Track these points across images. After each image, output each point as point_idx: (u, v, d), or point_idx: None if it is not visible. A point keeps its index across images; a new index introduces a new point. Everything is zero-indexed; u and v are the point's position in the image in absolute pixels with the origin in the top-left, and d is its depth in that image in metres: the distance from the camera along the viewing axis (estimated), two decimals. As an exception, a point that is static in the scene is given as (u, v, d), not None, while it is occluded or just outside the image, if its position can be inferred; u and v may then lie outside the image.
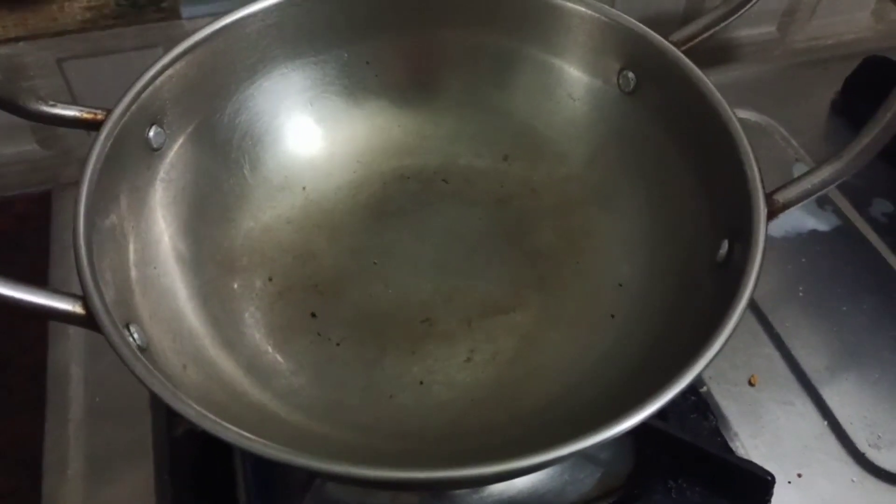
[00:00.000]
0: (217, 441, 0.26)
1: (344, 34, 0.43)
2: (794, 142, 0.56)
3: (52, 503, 0.38)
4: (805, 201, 0.32)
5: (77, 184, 0.30)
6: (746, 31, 0.66)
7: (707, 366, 0.28)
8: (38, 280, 0.45)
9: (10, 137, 0.51)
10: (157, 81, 0.36)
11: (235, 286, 0.40)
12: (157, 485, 0.38)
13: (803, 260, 0.48)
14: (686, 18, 0.62)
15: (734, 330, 0.29)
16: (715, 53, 0.66)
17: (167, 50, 0.49)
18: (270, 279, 0.41)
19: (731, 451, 0.40)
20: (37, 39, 0.48)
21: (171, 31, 0.50)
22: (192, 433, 0.38)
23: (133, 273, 0.34)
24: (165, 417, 0.39)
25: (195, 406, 0.26)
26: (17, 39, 0.47)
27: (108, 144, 0.34)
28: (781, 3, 0.65)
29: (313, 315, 0.40)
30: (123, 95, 0.35)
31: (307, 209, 0.43)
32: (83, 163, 0.33)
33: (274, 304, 0.40)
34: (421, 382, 0.38)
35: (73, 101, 0.50)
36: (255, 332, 0.39)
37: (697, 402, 0.41)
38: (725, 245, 0.34)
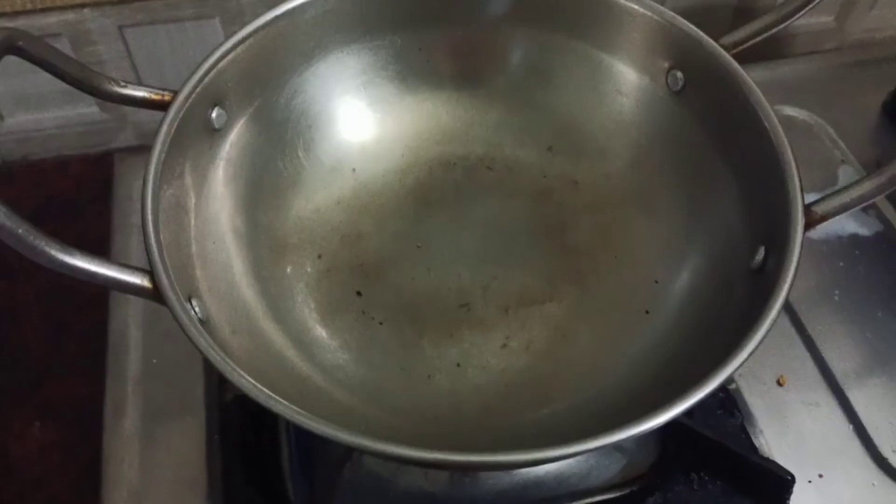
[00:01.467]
0: (264, 409, 0.28)
1: (398, 21, 0.44)
2: (841, 143, 0.56)
3: (109, 457, 0.40)
4: (843, 214, 0.33)
5: (137, 151, 0.32)
6: (801, 20, 0.64)
7: (736, 370, 0.29)
8: (98, 245, 0.49)
9: (71, 100, 0.53)
10: (221, 65, 0.38)
11: (286, 262, 0.42)
12: (207, 445, 0.40)
13: (841, 264, 0.48)
14: (738, 13, 0.61)
15: (764, 338, 0.30)
16: (767, 44, 0.64)
17: (223, 20, 0.51)
18: (319, 257, 0.43)
19: (754, 448, 0.41)
20: (100, 6, 0.49)
21: (228, 3, 0.51)
22: (242, 399, 0.40)
23: (194, 247, 0.36)
24: (218, 383, 0.41)
25: (249, 379, 0.28)
26: (81, 6, 0.49)
27: (175, 125, 0.36)
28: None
29: (358, 294, 0.42)
30: (188, 79, 0.37)
31: (356, 191, 0.45)
32: (142, 140, 0.34)
33: (321, 282, 0.42)
34: (458, 365, 0.39)
35: (132, 67, 0.52)
36: (304, 307, 0.41)
37: (725, 399, 0.42)
38: (762, 252, 0.34)
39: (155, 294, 0.30)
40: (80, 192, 0.53)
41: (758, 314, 0.31)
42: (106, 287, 0.31)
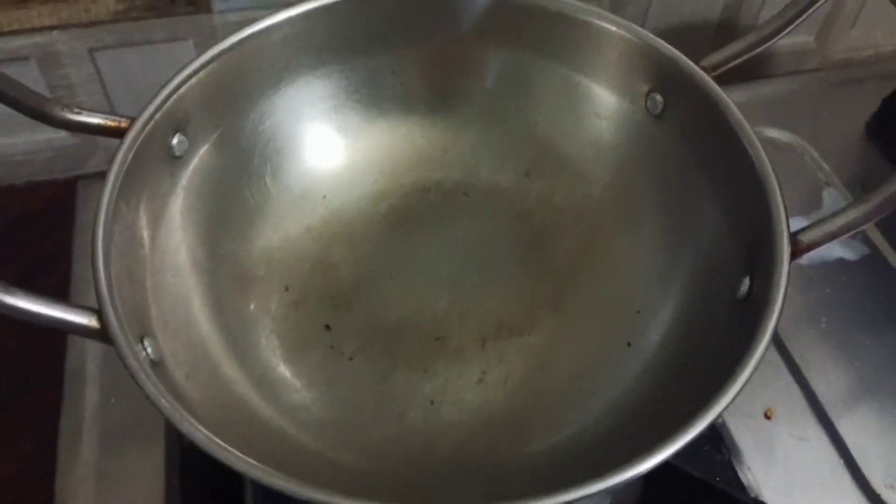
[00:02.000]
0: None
1: (370, 44, 0.43)
2: (824, 165, 0.55)
3: (62, 499, 0.38)
4: (830, 242, 0.32)
5: (102, 177, 0.31)
6: (783, 40, 0.64)
7: (728, 406, 0.27)
8: (61, 272, 0.47)
9: (39, 125, 0.51)
10: (182, 89, 0.36)
11: (251, 296, 0.40)
12: (166, 490, 0.38)
13: (828, 290, 0.47)
14: (719, 31, 0.61)
15: (753, 373, 0.28)
16: (748, 63, 0.64)
17: (196, 43, 0.50)
18: (287, 289, 0.41)
19: (742, 486, 0.39)
20: (69, 29, 0.48)
21: (201, 25, 0.50)
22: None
23: (149, 282, 0.34)
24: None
25: (203, 430, 0.26)
26: (50, 28, 0.48)
27: (132, 153, 0.34)
28: (820, 11, 0.63)
29: (327, 327, 0.40)
30: (147, 104, 0.35)
31: (327, 219, 0.43)
32: (106, 169, 0.33)
33: (289, 315, 0.40)
34: (431, 402, 0.38)
35: (103, 90, 0.51)
36: (268, 343, 0.39)
37: (711, 434, 0.40)
38: (747, 282, 0.33)
39: (103, 335, 0.28)
40: (48, 218, 0.52)
41: (745, 347, 0.29)
42: (53, 329, 0.29)
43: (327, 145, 0.44)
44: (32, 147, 0.53)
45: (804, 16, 0.37)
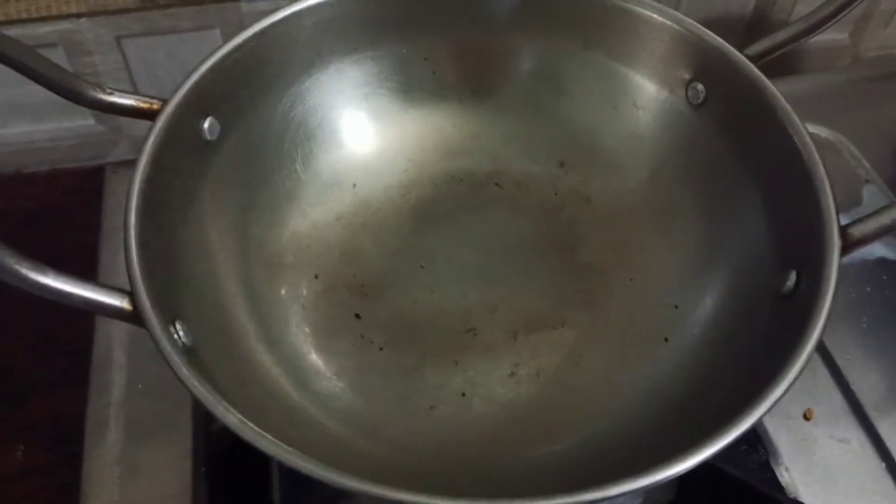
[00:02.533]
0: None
1: (403, 30, 0.42)
2: (864, 161, 0.53)
3: (89, 483, 0.38)
4: (883, 237, 0.30)
5: (130, 164, 0.30)
6: (817, 36, 0.63)
7: (771, 409, 0.26)
8: (87, 259, 0.47)
9: (65, 111, 0.51)
10: (214, 73, 0.36)
11: (281, 282, 0.39)
12: (192, 476, 0.38)
13: (868, 289, 0.46)
14: (753, 23, 0.59)
15: (801, 371, 0.27)
16: (781, 60, 0.63)
17: (223, 32, 0.49)
18: (316, 277, 0.40)
19: (780, 487, 0.38)
20: (96, 16, 0.48)
21: (227, 14, 0.49)
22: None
23: (181, 266, 0.34)
24: (205, 413, 0.39)
25: (236, 413, 0.26)
26: (77, 16, 0.47)
27: (163, 136, 0.33)
28: (856, 9, 0.62)
29: (357, 316, 0.39)
30: (180, 87, 0.35)
31: (356, 207, 0.43)
32: (138, 152, 0.32)
33: (318, 303, 0.39)
34: (463, 394, 0.37)
35: (130, 79, 0.51)
36: (299, 330, 0.38)
37: (748, 434, 0.39)
38: (793, 277, 0.32)
39: (135, 317, 0.28)
40: (73, 205, 0.52)
41: (792, 345, 0.28)
42: (84, 311, 0.28)
43: (358, 133, 0.43)
44: (57, 134, 0.53)
45: (853, 5, 0.35)
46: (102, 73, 0.50)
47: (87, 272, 0.46)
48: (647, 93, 0.41)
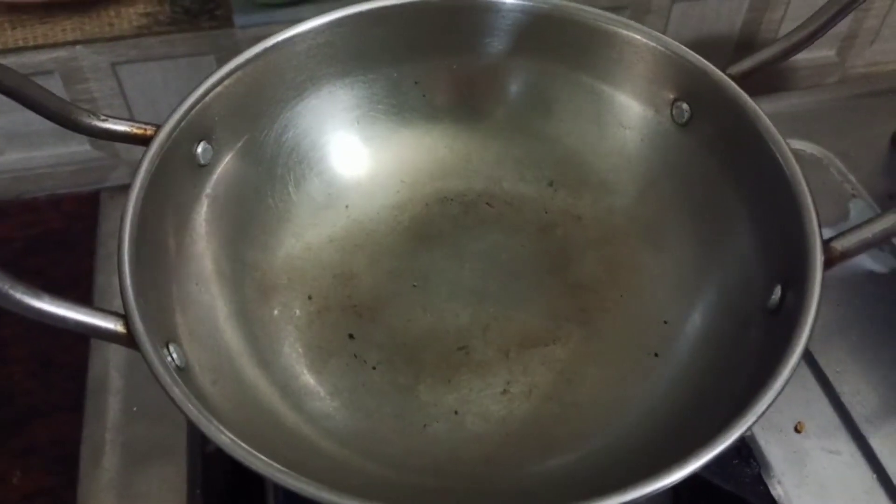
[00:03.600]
0: (248, 466, 0.26)
1: (394, 54, 0.43)
2: (851, 177, 0.54)
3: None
4: (866, 251, 0.31)
5: (125, 189, 0.31)
6: (804, 54, 0.63)
7: (759, 418, 0.26)
8: (85, 284, 0.48)
9: (63, 138, 0.52)
10: (208, 98, 0.37)
11: (274, 304, 0.40)
12: (189, 501, 0.38)
13: (857, 302, 0.46)
14: (740, 43, 0.60)
15: (786, 384, 0.27)
16: (769, 78, 0.64)
17: (218, 58, 0.50)
18: (309, 298, 0.41)
19: (773, 500, 0.38)
20: (92, 44, 0.48)
21: (222, 40, 0.50)
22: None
23: (175, 289, 0.34)
24: (200, 435, 0.39)
25: (228, 434, 0.26)
26: (73, 43, 0.48)
27: (157, 161, 0.34)
28: (842, 26, 0.63)
29: (350, 336, 0.40)
30: (173, 112, 0.35)
31: (349, 228, 0.43)
32: (132, 177, 0.33)
33: (312, 324, 0.40)
34: (456, 412, 0.37)
35: (125, 104, 0.51)
36: (293, 351, 0.38)
37: (740, 448, 0.39)
38: (778, 291, 0.33)
39: (129, 340, 0.28)
40: (71, 231, 0.52)
41: (777, 358, 0.29)
42: (78, 333, 0.29)
43: (350, 155, 0.44)
44: (56, 160, 0.53)
45: (835, 21, 0.36)
46: (98, 99, 0.51)
47: (87, 297, 0.47)
48: (634, 113, 0.42)
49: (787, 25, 0.60)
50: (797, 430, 0.41)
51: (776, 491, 0.39)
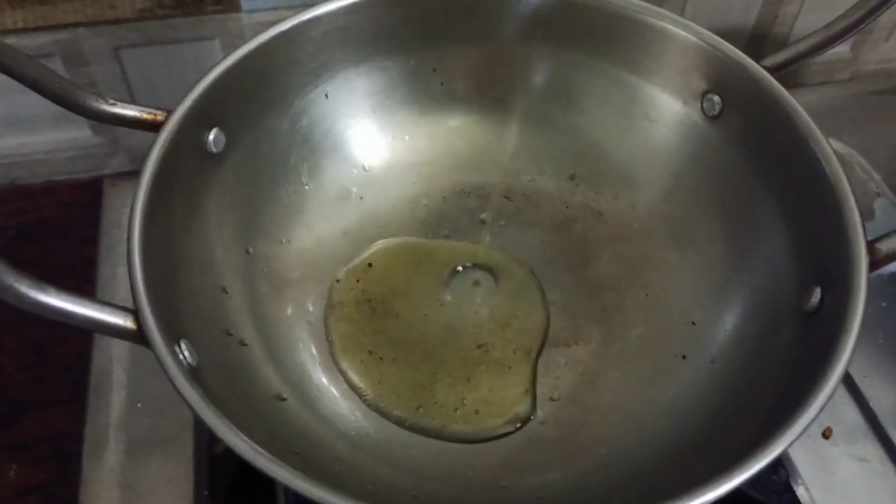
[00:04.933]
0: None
1: (412, 41, 0.41)
2: (875, 175, 0.53)
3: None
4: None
5: (128, 177, 0.29)
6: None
7: (802, 433, 0.25)
8: (83, 274, 0.46)
9: (62, 122, 0.50)
10: (220, 84, 0.35)
11: (287, 299, 0.38)
12: (195, 500, 0.37)
13: (884, 304, 0.45)
14: (754, 36, 0.59)
15: (832, 394, 0.26)
16: (780, 74, 0.63)
17: (223, 43, 0.48)
18: (323, 293, 0.39)
19: (801, 509, 0.37)
20: (94, 26, 0.47)
21: (228, 24, 0.48)
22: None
23: (184, 283, 0.33)
24: (208, 434, 0.38)
25: (244, 438, 0.25)
26: (75, 25, 0.47)
27: (167, 148, 0.32)
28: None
29: (365, 332, 0.38)
30: (185, 97, 0.34)
31: (363, 221, 0.42)
32: (135, 165, 0.31)
33: (325, 319, 0.38)
34: (476, 412, 0.36)
35: (128, 89, 0.50)
36: (305, 348, 0.37)
37: (768, 455, 0.38)
38: (817, 293, 0.31)
39: (139, 337, 0.27)
40: (68, 219, 0.51)
41: (819, 365, 0.27)
42: (85, 329, 0.27)
43: (365, 145, 0.43)
44: (53, 146, 0.52)
45: (874, 16, 0.35)
46: (100, 83, 0.49)
47: (85, 288, 0.45)
48: (661, 105, 0.40)
49: (802, 20, 0.58)
50: (825, 436, 0.40)
51: (804, 498, 0.38)
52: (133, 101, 0.50)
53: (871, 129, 0.56)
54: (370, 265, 0.41)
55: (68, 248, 0.48)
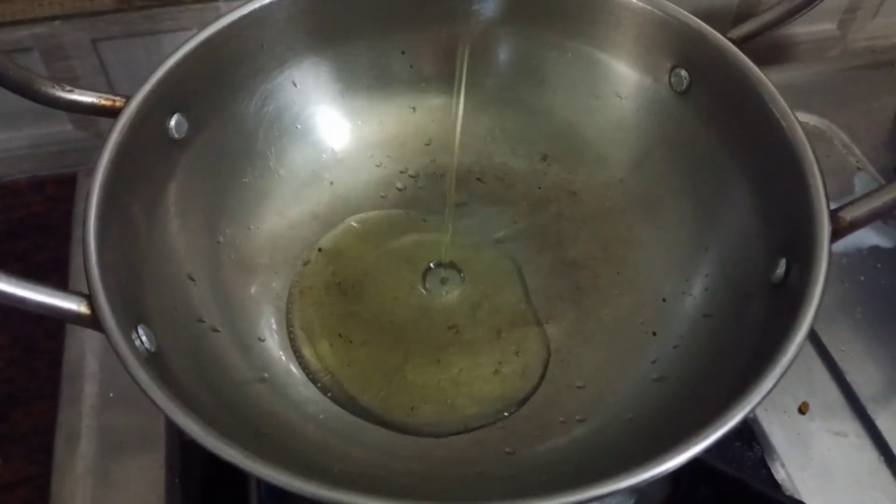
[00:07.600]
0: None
1: (379, 22, 0.41)
2: (855, 149, 0.52)
3: (59, 496, 0.37)
4: (875, 221, 0.29)
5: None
6: (804, 27, 0.62)
7: (761, 402, 0.25)
8: (66, 265, 0.46)
9: (45, 117, 0.50)
10: (181, 69, 0.35)
11: (254, 283, 0.38)
12: (166, 487, 0.37)
13: (862, 278, 0.45)
14: (739, 15, 0.59)
15: (791, 363, 0.26)
16: (769, 51, 0.62)
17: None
18: (292, 277, 0.39)
19: (776, 484, 0.37)
20: (72, 19, 0.46)
21: (205, 15, 0.48)
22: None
23: (146, 268, 0.32)
24: (177, 420, 0.37)
25: (199, 421, 0.25)
26: (53, 18, 0.46)
27: (126, 134, 0.32)
28: (844, 0, 0.61)
29: (335, 315, 0.38)
30: (144, 83, 0.33)
31: (333, 205, 0.42)
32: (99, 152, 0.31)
33: (294, 304, 0.38)
34: (445, 394, 0.36)
35: (107, 82, 0.49)
36: (274, 333, 0.37)
37: (742, 430, 0.38)
38: (783, 264, 0.31)
39: (93, 321, 0.27)
40: (53, 213, 0.51)
41: (782, 334, 0.27)
42: (41, 315, 0.27)
43: (334, 129, 0.42)
44: (36, 141, 0.52)
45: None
46: (80, 76, 0.49)
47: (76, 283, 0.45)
48: (630, 81, 0.40)
49: (787, -3, 0.58)
50: (801, 412, 0.40)
51: (779, 474, 0.38)
52: (113, 93, 0.50)
53: (855, 105, 0.56)
54: (340, 249, 0.40)
55: (56, 243, 0.48)
